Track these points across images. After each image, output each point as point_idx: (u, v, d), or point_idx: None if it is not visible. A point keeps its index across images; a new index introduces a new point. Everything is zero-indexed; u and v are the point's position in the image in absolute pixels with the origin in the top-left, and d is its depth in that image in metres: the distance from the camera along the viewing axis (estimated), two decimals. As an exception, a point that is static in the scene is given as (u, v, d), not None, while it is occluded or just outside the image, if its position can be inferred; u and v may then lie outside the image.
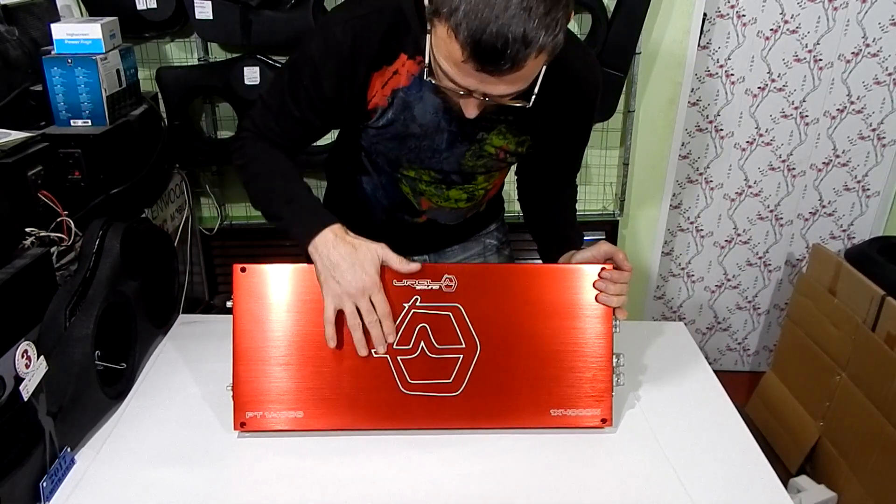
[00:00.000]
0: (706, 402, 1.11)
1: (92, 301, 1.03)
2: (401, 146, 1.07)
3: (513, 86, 0.83)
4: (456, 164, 1.10)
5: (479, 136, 1.06)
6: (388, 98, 1.01)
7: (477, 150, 1.08)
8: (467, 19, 0.76)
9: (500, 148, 1.08)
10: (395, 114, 1.03)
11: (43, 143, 1.18)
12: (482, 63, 0.78)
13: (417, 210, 1.20)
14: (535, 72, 0.84)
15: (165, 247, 1.33)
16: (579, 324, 0.99)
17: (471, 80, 0.82)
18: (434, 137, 1.05)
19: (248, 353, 0.96)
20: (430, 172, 1.12)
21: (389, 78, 1.00)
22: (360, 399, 0.97)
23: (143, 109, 1.52)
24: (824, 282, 2.04)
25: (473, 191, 1.18)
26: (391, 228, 1.24)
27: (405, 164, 1.11)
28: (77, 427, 0.99)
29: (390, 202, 1.20)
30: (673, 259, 2.37)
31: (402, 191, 1.17)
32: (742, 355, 2.55)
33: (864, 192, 2.26)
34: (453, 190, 1.16)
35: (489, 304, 0.97)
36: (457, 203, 1.18)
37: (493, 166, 1.13)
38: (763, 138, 2.18)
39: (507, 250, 1.41)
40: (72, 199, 1.27)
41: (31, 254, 1.00)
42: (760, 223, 2.32)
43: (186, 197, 1.89)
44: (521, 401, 0.99)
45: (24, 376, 0.87)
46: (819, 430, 2.02)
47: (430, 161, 1.09)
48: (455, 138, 1.06)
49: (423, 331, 0.97)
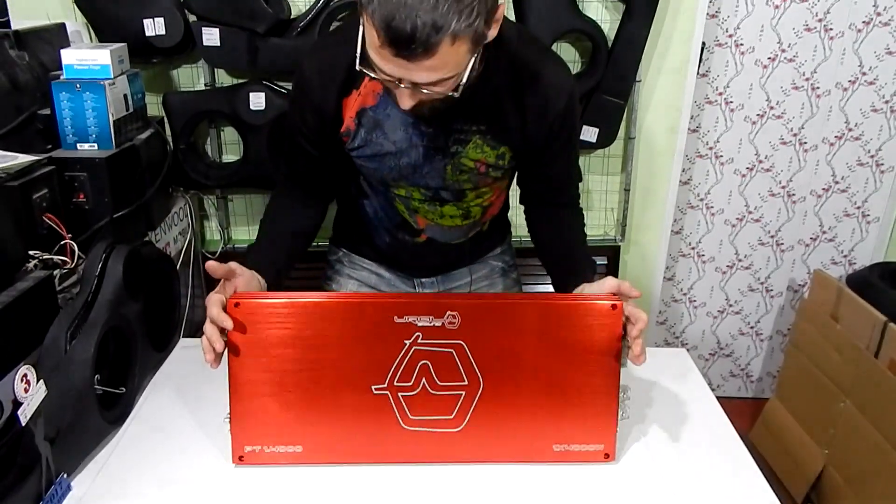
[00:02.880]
0: (709, 429, 1.10)
1: (93, 324, 1.03)
2: (381, 165, 1.10)
3: (433, 73, 0.84)
4: (440, 179, 1.11)
5: (453, 150, 1.07)
6: (354, 119, 1.06)
7: (456, 165, 1.09)
8: (380, 5, 0.79)
9: (478, 161, 1.09)
10: (366, 133, 1.07)
11: (49, 167, 1.20)
12: (396, 48, 0.80)
13: (416, 229, 1.21)
14: (455, 60, 0.84)
15: (168, 270, 1.33)
16: (586, 359, 0.96)
17: (392, 66, 0.84)
18: (409, 153, 1.08)
19: (244, 387, 0.95)
20: (419, 189, 1.14)
21: (356, 100, 1.05)
22: (360, 434, 0.96)
23: (149, 133, 1.53)
24: (826, 308, 2.03)
25: (467, 207, 1.19)
26: (396, 249, 1.26)
27: (391, 182, 1.14)
28: (74, 452, 0.99)
29: (390, 222, 1.22)
30: (675, 284, 2.37)
31: (398, 210, 1.19)
32: (745, 381, 2.53)
33: (863, 218, 2.27)
34: (447, 206, 1.18)
35: (493, 340, 0.95)
36: (452, 220, 1.20)
37: (479, 181, 1.14)
38: (763, 164, 2.20)
39: (514, 273, 1.41)
40: (76, 222, 1.28)
41: (34, 276, 1.01)
42: (761, 249, 2.32)
43: (190, 220, 1.90)
44: (523, 436, 0.97)
45: (23, 400, 0.86)
46: (824, 457, 1.99)
47: (413, 177, 1.11)
48: (429, 153, 1.08)
49: (424, 367, 0.94)
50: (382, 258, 1.31)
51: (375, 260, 1.32)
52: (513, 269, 1.41)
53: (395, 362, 0.93)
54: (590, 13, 1.80)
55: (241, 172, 1.83)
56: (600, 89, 1.80)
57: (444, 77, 0.85)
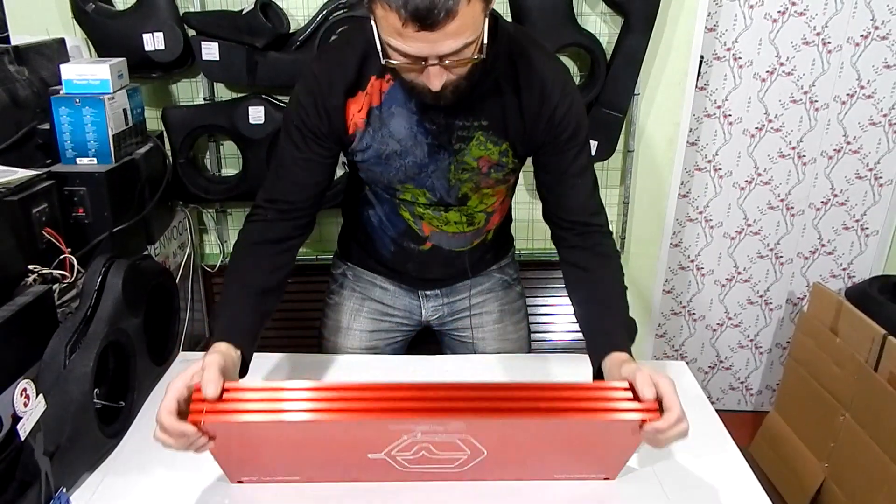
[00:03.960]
0: (709, 442, 1.09)
1: (92, 338, 1.03)
2: (387, 167, 1.11)
3: (458, 38, 0.85)
4: (444, 179, 1.12)
5: (457, 147, 1.08)
6: (364, 120, 1.07)
7: (459, 163, 1.10)
8: None
9: (481, 158, 1.10)
10: (373, 132, 1.08)
11: (48, 181, 1.20)
12: (419, 21, 0.82)
13: (421, 237, 1.22)
14: (474, 19, 0.86)
15: (167, 284, 1.33)
16: (600, 450, 0.92)
17: (418, 43, 0.85)
18: (415, 151, 1.09)
19: (237, 472, 0.94)
20: (424, 193, 1.14)
21: (363, 100, 1.06)
22: (359, 481, 0.96)
23: (148, 148, 1.54)
24: (825, 321, 2.03)
25: (471, 213, 1.19)
26: (401, 259, 1.26)
27: (398, 185, 1.14)
28: (73, 467, 0.98)
29: (395, 231, 1.23)
30: (674, 297, 2.37)
31: (403, 217, 1.20)
32: (745, 394, 2.53)
33: (862, 231, 2.27)
34: (451, 212, 1.18)
35: (502, 435, 0.88)
36: (457, 226, 1.20)
37: (482, 182, 1.14)
38: (761, 177, 2.20)
39: (518, 287, 1.41)
40: (75, 237, 1.28)
41: (33, 291, 1.01)
42: (760, 261, 2.32)
43: (189, 234, 1.90)
44: (527, 473, 0.97)
45: (22, 415, 0.86)
46: (824, 471, 1.99)
47: (419, 178, 1.12)
48: (433, 150, 1.09)
49: (423, 447, 0.88)
50: (387, 271, 1.32)
51: (380, 273, 1.33)
52: (516, 283, 1.41)
53: (391, 445, 0.88)
54: (588, 27, 1.81)
55: (240, 186, 1.83)
56: (599, 102, 1.81)
57: (467, 41, 0.87)
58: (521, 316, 1.42)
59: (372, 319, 1.36)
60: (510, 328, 1.39)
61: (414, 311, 1.36)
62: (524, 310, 1.43)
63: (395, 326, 1.37)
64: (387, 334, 1.37)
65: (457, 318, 1.37)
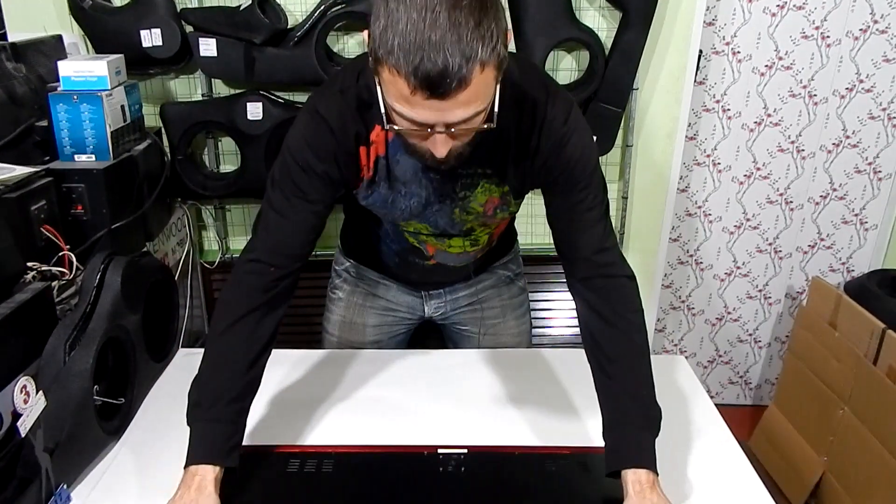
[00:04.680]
0: (708, 436, 1.10)
1: (92, 335, 1.03)
2: (392, 208, 1.08)
3: (468, 107, 0.81)
4: (448, 219, 1.10)
5: (461, 195, 1.06)
6: (372, 169, 1.03)
7: (464, 207, 1.08)
8: (403, 52, 0.77)
9: (487, 203, 1.08)
10: (379, 179, 1.04)
11: (47, 178, 1.20)
12: (430, 89, 0.78)
13: (425, 255, 1.21)
14: (486, 88, 0.82)
15: (166, 281, 1.33)
16: None
17: (426, 112, 0.81)
18: (420, 193, 1.06)
19: None
20: (427, 227, 1.13)
21: (373, 149, 1.01)
22: None
23: (146, 144, 1.53)
24: (824, 315, 2.03)
25: (475, 238, 1.19)
26: (404, 268, 1.26)
27: (401, 221, 1.13)
28: (74, 463, 0.98)
29: (399, 246, 1.22)
30: (673, 292, 2.37)
31: (407, 239, 1.19)
32: (744, 389, 2.53)
33: (861, 226, 2.27)
34: (454, 239, 1.17)
35: None
36: (461, 248, 1.20)
37: (487, 221, 1.13)
38: (761, 172, 2.20)
39: (520, 281, 1.41)
40: (74, 234, 1.28)
41: (32, 288, 1.01)
42: (759, 256, 2.32)
43: (188, 230, 1.90)
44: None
45: (23, 412, 0.86)
46: (823, 465, 1.99)
47: (422, 216, 1.10)
48: (437, 198, 1.06)
49: None
50: (391, 273, 1.31)
51: (383, 272, 1.32)
52: (519, 278, 1.41)
53: None
54: (587, 21, 1.81)
55: (238, 182, 1.83)
56: (598, 97, 1.81)
57: (478, 110, 0.83)
58: (522, 311, 1.42)
59: (376, 314, 1.36)
60: (512, 323, 1.39)
61: (416, 307, 1.36)
62: (526, 304, 1.43)
63: (399, 321, 1.38)
64: (390, 328, 1.37)
65: (459, 313, 1.37)
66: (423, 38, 0.76)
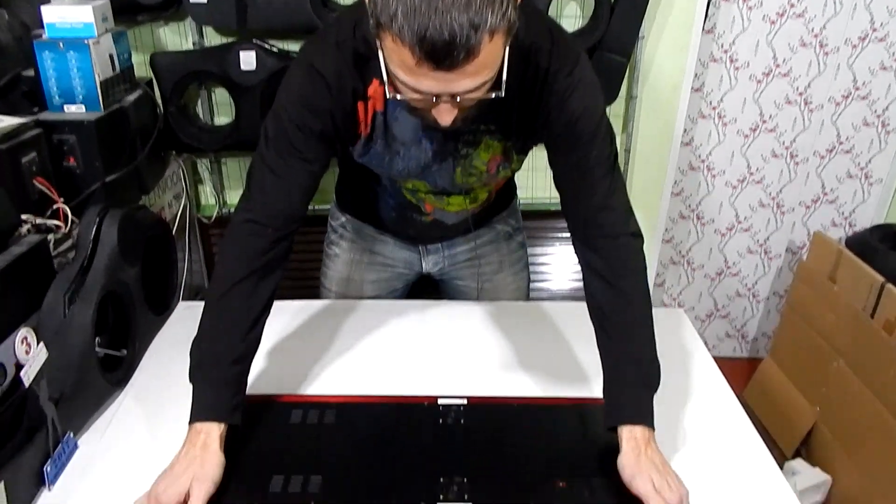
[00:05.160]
0: (705, 386, 1.11)
1: (91, 289, 1.02)
2: (390, 165, 1.05)
3: (476, 77, 0.77)
4: (449, 179, 1.08)
5: (463, 153, 1.03)
6: (370, 125, 0.99)
7: (466, 168, 1.05)
8: (408, 20, 0.72)
9: (490, 161, 1.06)
10: (377, 137, 1.01)
11: (36, 129, 1.17)
12: (435, 61, 0.73)
13: (423, 211, 1.19)
14: (495, 57, 0.78)
15: (163, 234, 1.32)
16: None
17: (431, 82, 0.76)
18: (419, 156, 1.03)
19: None
20: (425, 184, 1.11)
21: (369, 105, 0.98)
22: None
23: (137, 95, 1.50)
24: (824, 269, 2.03)
25: (475, 196, 1.17)
26: (402, 223, 1.25)
27: (399, 178, 1.10)
28: (79, 413, 0.99)
29: (396, 203, 1.20)
30: (673, 247, 2.36)
31: (405, 196, 1.17)
32: (741, 342, 2.55)
33: (866, 180, 2.25)
34: (453, 197, 1.15)
35: None
36: (460, 206, 1.18)
37: (489, 181, 1.11)
38: (766, 125, 2.17)
39: (519, 236, 1.40)
40: (67, 187, 1.26)
41: (28, 241, 1.00)
42: (762, 211, 2.31)
43: (184, 184, 1.88)
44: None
45: (25, 362, 0.86)
46: (815, 415, 2.02)
47: (422, 175, 1.07)
48: (438, 157, 1.03)
49: None
50: (388, 228, 1.30)
51: (380, 227, 1.31)
52: (518, 233, 1.40)
53: None
54: (592, -33, 1.75)
55: (233, 135, 1.80)
56: (602, 46, 1.76)
57: (486, 80, 0.79)
58: (521, 266, 1.41)
59: (374, 270, 1.35)
60: (510, 278, 1.39)
61: (414, 263, 1.36)
62: (525, 259, 1.42)
63: (396, 276, 1.37)
64: (388, 283, 1.37)
65: (457, 268, 1.37)
66: (428, 4, 0.71)
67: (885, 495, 1.72)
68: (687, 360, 1.17)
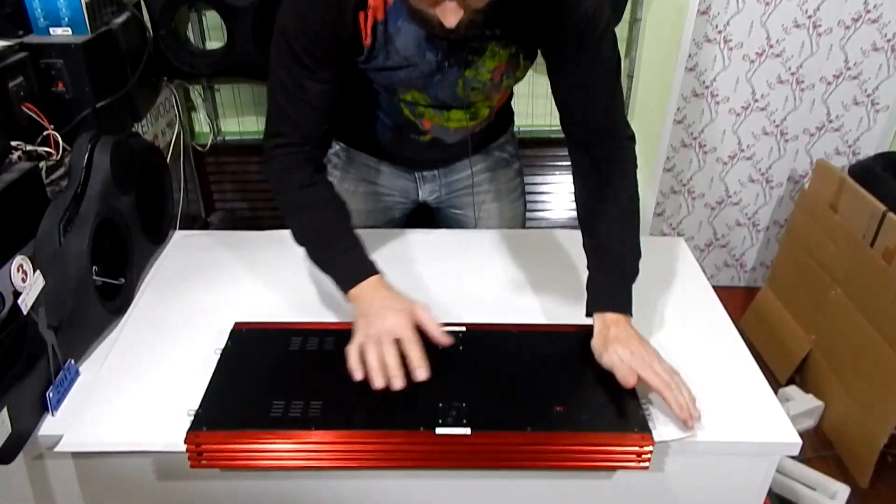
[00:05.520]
0: (703, 314, 1.12)
1: (85, 217, 1.01)
2: (392, 76, 1.03)
3: None
4: (450, 92, 1.05)
5: (469, 59, 1.01)
6: (370, 36, 0.97)
7: (468, 80, 1.03)
8: None
9: (495, 69, 1.03)
10: (378, 48, 0.99)
11: (22, 53, 1.13)
12: None
13: (421, 129, 1.17)
14: None
15: (157, 162, 1.30)
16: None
17: None
18: (422, 67, 1.01)
19: None
20: (425, 97, 1.08)
21: (369, 14, 0.95)
22: None
23: (125, 18, 1.45)
24: (826, 198, 2.02)
25: (476, 111, 1.14)
26: (399, 144, 1.22)
27: (400, 89, 1.08)
28: (79, 341, 1.00)
29: (393, 121, 1.18)
30: (674, 175, 2.34)
31: (403, 112, 1.14)
32: (739, 271, 2.57)
33: (872, 107, 2.20)
34: (454, 112, 1.13)
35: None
36: (459, 122, 1.15)
37: (492, 92, 1.08)
38: (773, 49, 2.11)
39: (516, 163, 1.38)
40: (57, 114, 1.23)
41: (19, 168, 0.98)
42: (765, 138, 2.27)
43: (177, 111, 1.84)
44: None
45: (22, 290, 0.86)
46: (811, 343, 2.05)
47: (424, 86, 1.05)
48: (442, 66, 1.01)
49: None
50: (383, 153, 1.28)
51: (375, 154, 1.29)
52: (515, 160, 1.38)
53: None
54: None
55: (226, 60, 1.75)
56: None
57: None
58: (517, 194, 1.40)
59: (368, 199, 1.33)
60: (506, 206, 1.38)
61: (410, 191, 1.34)
62: (521, 188, 1.41)
63: (392, 206, 1.36)
64: (384, 214, 1.36)
65: (454, 196, 1.36)
66: None
67: (876, 420, 1.77)
68: (686, 288, 1.18)
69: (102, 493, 0.93)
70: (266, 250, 1.25)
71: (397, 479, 0.91)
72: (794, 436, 0.88)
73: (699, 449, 0.88)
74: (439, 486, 0.92)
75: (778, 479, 1.74)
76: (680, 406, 0.86)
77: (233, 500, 0.93)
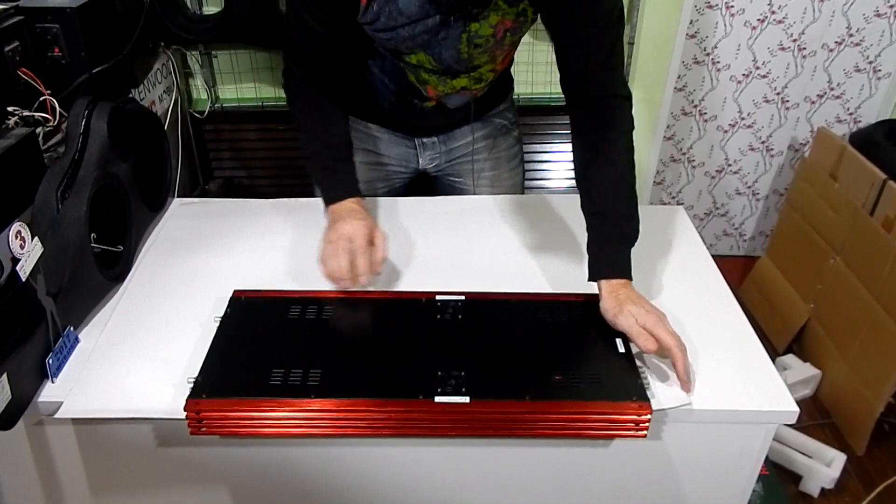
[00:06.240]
0: (702, 283, 1.12)
1: (83, 183, 1.01)
2: (395, 35, 1.02)
3: None
4: (454, 50, 1.04)
5: (475, 12, 1.00)
6: None
7: (472, 36, 1.02)
8: None
9: (497, 25, 1.02)
10: (378, 6, 0.98)
11: (17, 17, 1.12)
12: None
13: (425, 96, 1.16)
14: None
15: (155, 128, 1.29)
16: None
17: None
18: (426, 22, 1.00)
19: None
20: (430, 60, 1.08)
21: None
22: None
23: (120, -19, 1.42)
24: (826, 166, 2.01)
25: (480, 76, 1.14)
26: (401, 110, 1.21)
27: (405, 50, 1.07)
28: (78, 307, 1.01)
29: (397, 86, 1.17)
30: (674, 144, 2.33)
31: (407, 77, 1.14)
32: (738, 240, 2.57)
33: (874, 74, 2.18)
34: (458, 79, 1.12)
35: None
36: (463, 89, 1.15)
37: (496, 49, 1.07)
38: (775, 16, 2.08)
39: (515, 131, 1.38)
40: (54, 79, 1.21)
41: (16, 134, 0.97)
42: (766, 106, 2.26)
43: (174, 77, 1.82)
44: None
45: (20, 256, 0.86)
46: (809, 311, 2.07)
47: (428, 45, 1.04)
48: (446, 22, 1.00)
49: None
50: (384, 119, 1.27)
51: (375, 121, 1.28)
52: (514, 127, 1.37)
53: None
54: None
55: (223, 25, 1.72)
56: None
57: None
58: (516, 162, 1.40)
59: (367, 169, 1.33)
60: (506, 174, 1.38)
61: (410, 159, 1.34)
62: (520, 155, 1.41)
63: (392, 174, 1.35)
64: (383, 183, 1.36)
65: (454, 164, 1.35)
66: None
67: (873, 388, 1.78)
68: (685, 257, 1.18)
69: (102, 460, 0.94)
70: (265, 218, 1.25)
71: (396, 447, 0.92)
72: (792, 404, 0.89)
73: (697, 417, 0.89)
74: (438, 454, 0.93)
75: (775, 447, 1.76)
76: (685, 369, 0.87)
77: (232, 467, 0.94)
